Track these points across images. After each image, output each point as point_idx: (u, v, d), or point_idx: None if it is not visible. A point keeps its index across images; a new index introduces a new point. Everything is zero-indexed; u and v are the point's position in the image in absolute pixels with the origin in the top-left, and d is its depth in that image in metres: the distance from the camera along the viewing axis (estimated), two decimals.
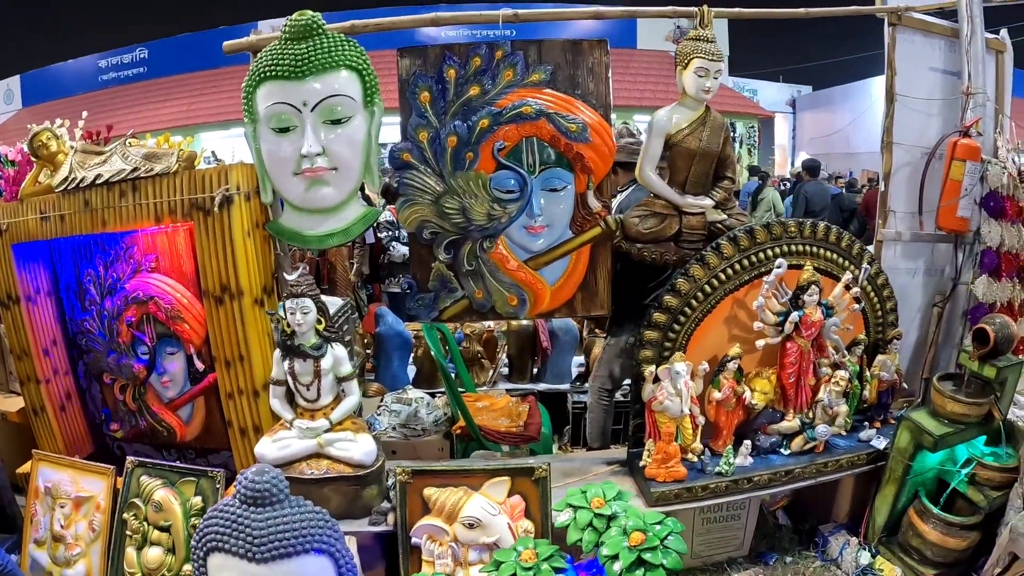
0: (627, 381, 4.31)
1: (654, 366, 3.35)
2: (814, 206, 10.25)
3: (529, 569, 2.86)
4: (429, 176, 3.39)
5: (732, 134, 4.05)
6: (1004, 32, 4.53)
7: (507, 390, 5.08)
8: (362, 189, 3.52)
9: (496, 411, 4.38)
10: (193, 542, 2.47)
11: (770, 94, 25.92)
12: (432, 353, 4.46)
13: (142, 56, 22.11)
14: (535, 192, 3.43)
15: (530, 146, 3.39)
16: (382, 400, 4.67)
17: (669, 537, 2.91)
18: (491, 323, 5.42)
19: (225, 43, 3.66)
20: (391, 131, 3.52)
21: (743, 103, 21.45)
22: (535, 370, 5.59)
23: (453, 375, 4.63)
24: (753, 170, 14.05)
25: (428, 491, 3.22)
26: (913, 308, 4.41)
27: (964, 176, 4.07)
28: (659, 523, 2.96)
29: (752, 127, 21.34)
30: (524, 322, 5.26)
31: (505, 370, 5.64)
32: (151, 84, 21.30)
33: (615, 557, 2.85)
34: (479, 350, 5.33)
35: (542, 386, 5.41)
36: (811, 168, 11.14)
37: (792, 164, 22.84)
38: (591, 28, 18.45)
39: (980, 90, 4.19)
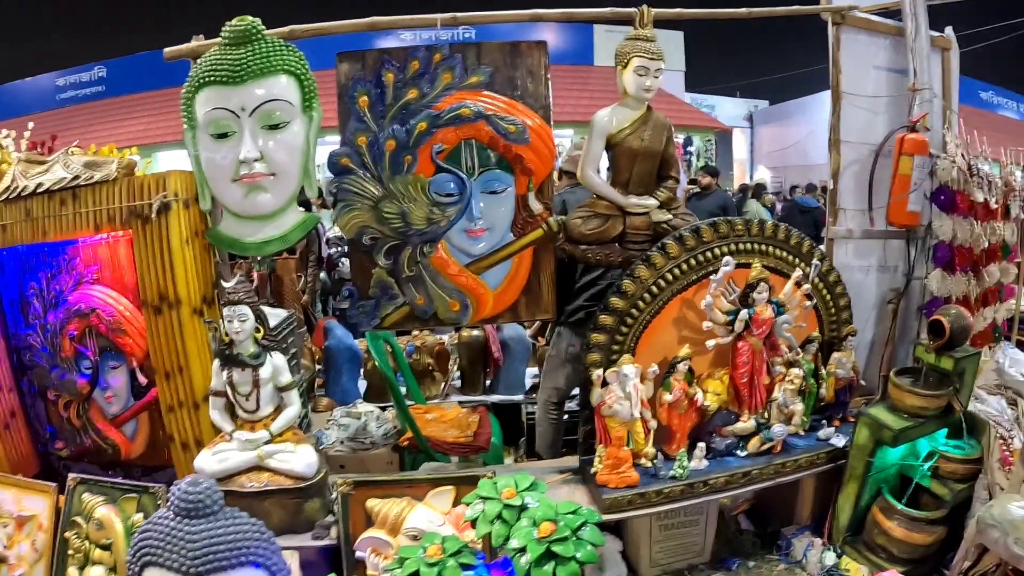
0: (576, 390, 4.25)
1: (602, 369, 3.29)
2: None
3: (434, 565, 2.64)
4: (368, 181, 3.34)
5: (689, 147, 4.06)
6: (949, 30, 4.56)
7: (459, 402, 4.99)
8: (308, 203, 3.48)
9: (446, 422, 4.29)
10: (128, 556, 2.38)
11: (728, 109, 26.15)
12: (378, 364, 4.37)
13: (100, 75, 21.72)
14: (474, 195, 3.40)
15: (469, 148, 3.36)
16: (332, 414, 4.59)
17: (583, 527, 2.70)
18: (444, 335, 5.37)
19: (166, 50, 3.63)
20: None
21: (700, 117, 21.53)
22: (488, 382, 5.50)
23: (403, 387, 4.58)
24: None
25: (371, 503, 3.15)
26: (868, 305, 4.40)
27: (913, 171, 4.09)
28: (572, 512, 2.76)
29: (709, 140, 21.36)
30: (475, 333, 5.22)
31: (459, 383, 5.55)
32: (109, 103, 20.91)
33: (523, 550, 2.63)
34: (430, 362, 5.24)
35: (495, 398, 5.33)
36: (717, 173, 10.72)
37: (751, 178, 22.98)
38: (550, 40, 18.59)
39: (926, 86, 4.21)
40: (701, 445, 3.46)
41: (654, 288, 3.41)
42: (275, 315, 3.76)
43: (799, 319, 3.63)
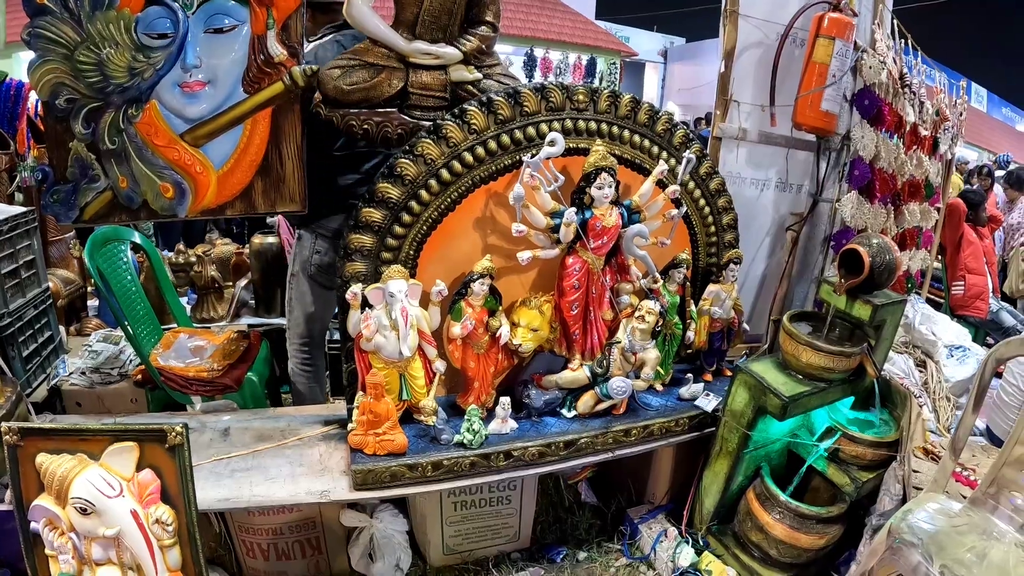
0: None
1: (360, 286, 2.32)
2: None
3: None
4: (65, 22, 2.33)
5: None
6: None
7: (249, 326, 3.99)
8: None
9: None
10: None
11: (643, 43, 25.40)
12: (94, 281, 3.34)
13: None
14: (192, 34, 2.38)
15: None
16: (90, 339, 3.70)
17: None
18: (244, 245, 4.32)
19: None
20: None
21: (606, 38, 20.77)
22: None
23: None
24: None
25: (40, 458, 2.19)
26: (761, 230, 3.62)
27: (831, 58, 3.24)
28: None
29: (614, 63, 20.77)
30: (268, 239, 4.14)
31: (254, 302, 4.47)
32: None
33: None
34: (215, 276, 4.14)
35: None
36: None
37: None
38: None
39: None
40: (504, 400, 2.51)
41: (446, 173, 2.40)
42: (4, 211, 3.07)
43: (660, 233, 2.71)
